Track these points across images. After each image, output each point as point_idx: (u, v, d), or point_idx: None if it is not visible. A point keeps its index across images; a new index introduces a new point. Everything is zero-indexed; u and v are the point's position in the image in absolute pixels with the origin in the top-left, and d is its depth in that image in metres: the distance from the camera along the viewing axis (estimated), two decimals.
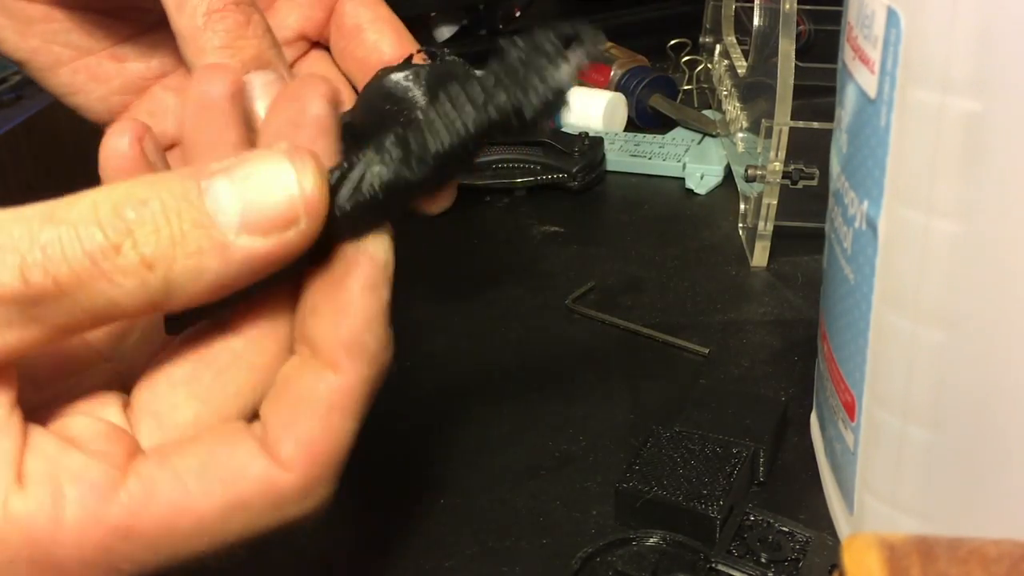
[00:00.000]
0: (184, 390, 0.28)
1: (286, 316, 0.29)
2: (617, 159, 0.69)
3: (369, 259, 0.27)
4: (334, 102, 0.28)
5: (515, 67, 0.27)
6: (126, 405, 0.28)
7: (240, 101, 0.30)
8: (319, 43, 0.40)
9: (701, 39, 0.81)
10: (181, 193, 0.25)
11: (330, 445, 0.28)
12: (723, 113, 0.69)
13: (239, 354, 0.28)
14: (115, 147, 0.31)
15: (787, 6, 0.52)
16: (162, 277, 0.25)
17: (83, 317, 0.25)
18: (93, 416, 0.28)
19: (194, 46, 0.32)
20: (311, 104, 0.28)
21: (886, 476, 0.34)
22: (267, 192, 0.25)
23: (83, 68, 0.39)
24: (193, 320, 0.29)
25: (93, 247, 0.24)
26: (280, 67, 0.33)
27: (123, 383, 0.30)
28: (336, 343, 0.27)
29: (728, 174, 0.66)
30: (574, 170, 0.65)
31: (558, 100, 0.27)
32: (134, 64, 0.39)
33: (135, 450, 0.27)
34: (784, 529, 0.37)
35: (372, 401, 0.29)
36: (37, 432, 0.26)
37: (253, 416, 0.29)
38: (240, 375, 0.28)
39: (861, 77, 0.32)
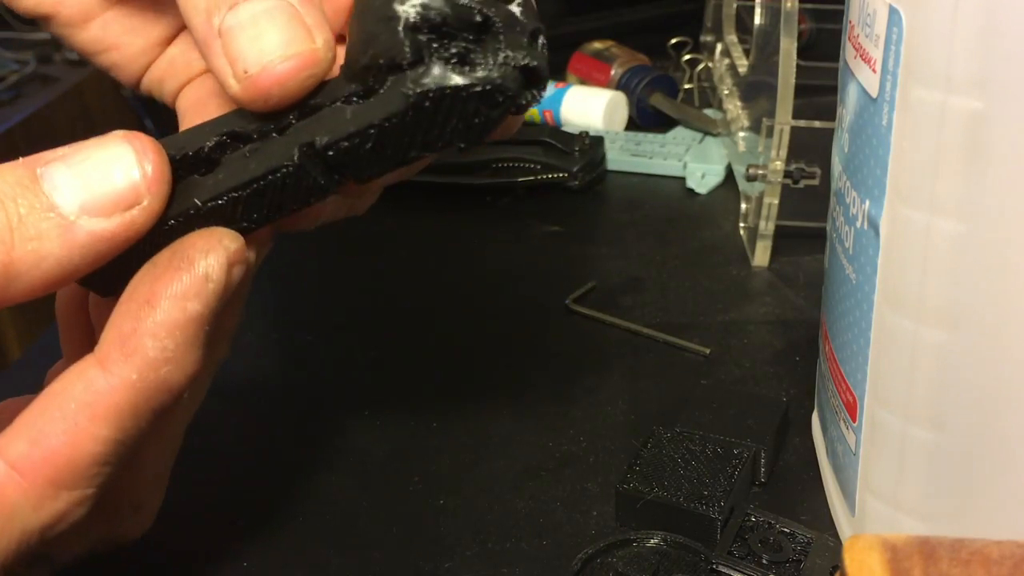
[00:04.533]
0: None
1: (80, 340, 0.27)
2: (617, 158, 0.68)
3: (190, 270, 0.25)
4: None
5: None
6: None
7: None
8: None
9: (702, 38, 0.81)
10: (15, 179, 0.24)
11: (72, 450, 0.25)
12: (724, 112, 0.69)
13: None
14: None
15: (788, 4, 0.52)
16: (0, 264, 0.24)
17: None
18: None
19: None
20: None
21: (888, 477, 0.34)
22: (107, 174, 0.25)
23: (114, 20, 0.34)
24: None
25: None
26: None
27: None
28: (114, 337, 0.25)
29: (729, 173, 0.66)
30: (574, 169, 0.65)
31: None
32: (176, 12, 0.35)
33: None
34: (785, 530, 0.37)
35: (150, 420, 0.25)
36: None
37: None
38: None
39: (863, 76, 0.32)
